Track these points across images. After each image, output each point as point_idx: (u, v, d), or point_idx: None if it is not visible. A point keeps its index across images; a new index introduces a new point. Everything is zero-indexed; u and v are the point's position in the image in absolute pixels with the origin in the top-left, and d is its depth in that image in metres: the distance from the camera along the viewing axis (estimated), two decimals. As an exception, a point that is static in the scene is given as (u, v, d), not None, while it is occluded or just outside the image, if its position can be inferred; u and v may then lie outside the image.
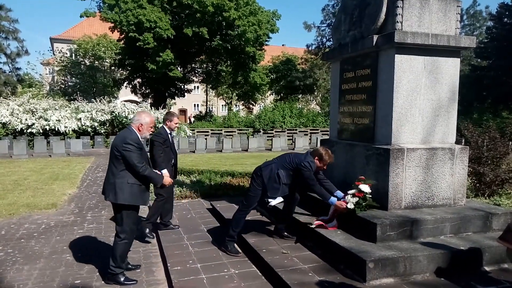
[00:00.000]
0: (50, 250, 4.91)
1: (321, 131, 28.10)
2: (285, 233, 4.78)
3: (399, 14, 4.34)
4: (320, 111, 35.42)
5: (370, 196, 4.25)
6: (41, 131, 19.07)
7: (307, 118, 30.28)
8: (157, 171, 4.45)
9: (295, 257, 4.15)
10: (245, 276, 3.96)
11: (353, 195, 4.24)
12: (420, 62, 4.48)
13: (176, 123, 5.55)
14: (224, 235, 4.66)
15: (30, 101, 21.09)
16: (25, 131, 19.01)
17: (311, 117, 30.65)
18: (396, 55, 4.37)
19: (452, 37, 4.47)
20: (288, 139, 24.36)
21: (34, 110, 19.80)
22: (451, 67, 4.62)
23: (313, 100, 43.97)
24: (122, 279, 3.95)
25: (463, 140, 8.98)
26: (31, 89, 32.13)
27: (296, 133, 27.07)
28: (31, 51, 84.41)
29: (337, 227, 4.36)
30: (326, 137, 14.70)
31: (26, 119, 19.12)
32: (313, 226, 4.42)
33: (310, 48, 39.17)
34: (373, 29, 4.61)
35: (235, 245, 4.65)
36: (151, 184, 4.11)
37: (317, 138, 22.10)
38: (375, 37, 4.51)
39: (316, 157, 4.42)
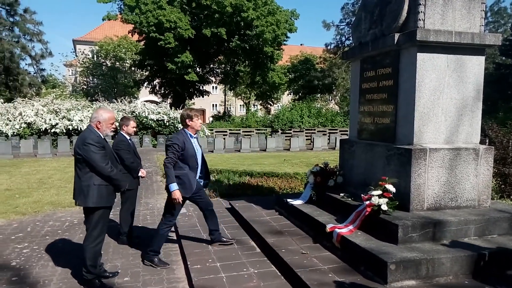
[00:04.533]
0: (74, 247, 5.02)
1: (340, 131, 27.84)
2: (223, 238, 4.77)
3: (421, 11, 4.26)
4: (339, 111, 35.09)
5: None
6: (64, 131, 19.56)
7: (325, 118, 30.05)
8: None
9: (315, 257, 4.13)
10: (264, 275, 3.96)
11: (381, 196, 4.18)
12: (443, 60, 4.38)
13: (133, 127, 5.06)
14: (148, 249, 4.45)
15: (53, 101, 21.65)
16: (49, 131, 19.53)
17: (329, 116, 30.40)
18: (418, 54, 4.30)
19: (477, 35, 4.36)
20: (307, 139, 24.25)
21: (57, 110, 20.32)
22: (476, 65, 4.51)
23: (332, 100, 43.64)
24: (97, 284, 3.83)
25: (488, 140, 8.75)
26: (54, 90, 33.03)
27: (314, 133, 26.91)
28: (55, 53, 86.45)
29: (352, 231, 4.27)
30: (345, 137, 14.57)
31: (50, 119, 19.64)
32: (327, 230, 4.36)
33: (329, 47, 38.88)
34: (394, 27, 4.54)
35: (159, 257, 4.51)
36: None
37: (336, 138, 21.92)
38: (397, 35, 4.44)
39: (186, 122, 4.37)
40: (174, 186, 4.19)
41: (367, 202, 4.25)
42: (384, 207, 4.12)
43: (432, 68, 4.35)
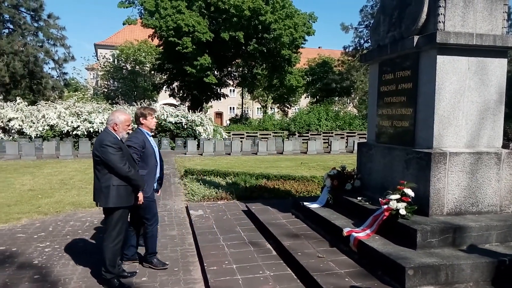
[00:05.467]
0: (93, 247, 5.13)
1: (358, 134, 27.58)
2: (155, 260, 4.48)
3: (441, 14, 4.20)
4: (357, 114, 34.76)
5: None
6: (85, 133, 19.99)
7: (343, 121, 29.82)
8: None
9: (331, 261, 4.10)
10: (280, 278, 3.96)
11: (399, 200, 4.12)
12: (463, 63, 4.31)
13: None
14: (144, 253, 4.44)
15: (75, 104, 22.16)
16: (71, 133, 20.00)
17: (348, 120, 30.15)
18: (438, 56, 4.24)
19: (499, 37, 4.27)
20: (324, 142, 24.13)
21: (79, 113, 20.79)
22: (498, 68, 4.41)
23: (350, 103, 43.25)
24: (116, 284, 3.87)
25: (511, 144, 8.53)
26: (76, 93, 33.85)
27: (332, 136, 26.75)
28: (77, 57, 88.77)
29: (370, 236, 4.22)
30: (364, 140, 14.44)
31: (72, 122, 20.10)
32: (344, 234, 4.33)
33: (347, 50, 38.56)
34: (413, 30, 4.49)
35: (158, 257, 4.53)
36: None
37: (354, 141, 21.71)
38: (416, 38, 4.39)
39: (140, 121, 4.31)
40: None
41: (385, 206, 4.20)
42: (403, 212, 4.07)
43: (452, 71, 4.28)
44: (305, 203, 5.74)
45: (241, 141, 20.48)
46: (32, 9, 27.66)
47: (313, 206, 5.58)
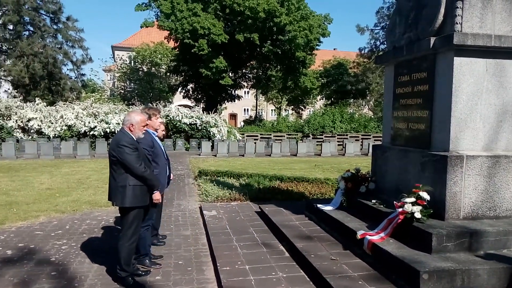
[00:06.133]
0: (109, 245, 5.20)
1: (373, 137, 27.33)
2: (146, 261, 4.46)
3: (458, 15, 4.14)
4: (372, 116, 34.45)
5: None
6: (102, 133, 20.31)
7: (358, 123, 29.59)
8: None
9: (344, 264, 4.08)
10: (293, 280, 3.95)
11: (415, 203, 4.07)
12: (481, 65, 4.24)
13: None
14: (137, 254, 4.33)
15: (93, 105, 22.55)
16: (88, 133, 20.35)
17: (363, 122, 29.91)
18: (455, 58, 4.17)
19: (519, 38, 4.18)
20: (338, 145, 23.97)
21: (96, 113, 21.15)
22: (517, 70, 4.32)
23: (365, 105, 42.91)
24: (130, 282, 3.93)
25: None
26: (93, 94, 34.44)
27: (346, 138, 26.55)
28: (95, 58, 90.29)
29: (384, 239, 4.18)
30: (379, 142, 14.29)
31: (89, 122, 20.46)
32: (358, 237, 4.29)
33: (362, 52, 38.29)
34: (430, 31, 4.44)
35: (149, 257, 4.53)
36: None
37: (368, 144, 21.50)
38: (432, 39, 4.34)
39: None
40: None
41: (400, 210, 4.15)
42: (418, 215, 4.02)
43: (469, 73, 4.21)
44: (318, 205, 5.72)
45: (255, 143, 20.50)
46: (52, 11, 28.30)
47: (327, 208, 5.56)
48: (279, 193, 8.24)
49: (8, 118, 20.35)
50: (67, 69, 33.22)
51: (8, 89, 28.46)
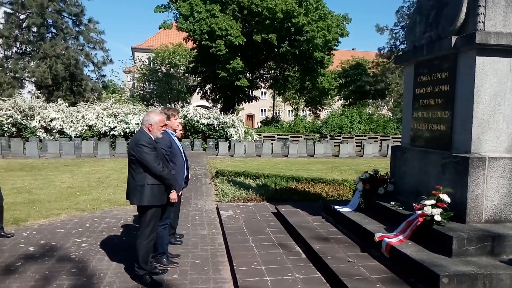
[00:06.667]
0: (127, 244, 5.28)
1: (392, 137, 26.95)
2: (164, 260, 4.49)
3: (481, 13, 4.04)
4: (392, 117, 33.96)
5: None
6: (122, 133, 20.67)
7: (377, 124, 29.22)
8: None
9: (362, 266, 4.03)
10: (309, 281, 3.93)
11: (435, 206, 3.99)
12: (505, 64, 4.12)
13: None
14: (155, 253, 4.37)
15: (113, 106, 22.98)
16: (108, 133, 20.75)
17: (382, 123, 29.51)
18: (477, 57, 4.08)
19: (545, 36, 4.05)
20: (357, 146, 23.71)
21: (116, 114, 21.54)
22: (543, 69, 4.19)
23: (384, 106, 42.32)
24: (148, 280, 3.97)
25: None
26: (114, 94, 35.04)
27: (365, 139, 26.26)
28: (115, 60, 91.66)
29: (403, 241, 4.11)
30: (398, 144, 14.09)
31: (109, 122, 20.86)
32: (376, 239, 4.23)
33: (382, 52, 37.83)
34: (451, 30, 4.35)
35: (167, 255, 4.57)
36: None
37: (388, 145, 21.21)
38: (454, 38, 4.25)
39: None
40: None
41: (419, 212, 4.08)
42: (438, 218, 3.93)
43: (492, 73, 4.11)
44: (336, 207, 5.67)
45: (272, 143, 20.48)
46: (74, 14, 28.96)
47: (344, 210, 5.50)
48: (296, 194, 8.21)
49: (32, 118, 20.92)
50: (88, 70, 33.98)
51: (32, 90, 29.27)
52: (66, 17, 29.10)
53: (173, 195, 4.17)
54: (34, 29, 27.68)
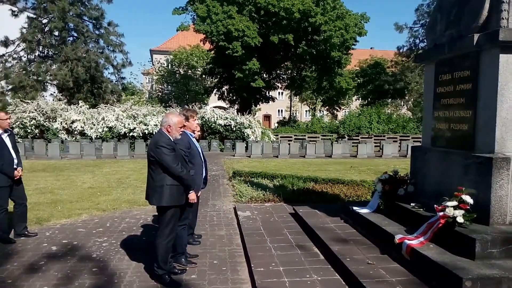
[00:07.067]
0: (147, 244, 5.35)
1: (412, 138, 26.48)
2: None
3: (504, 10, 3.93)
4: (411, 117, 33.38)
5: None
6: (141, 134, 20.97)
7: (396, 124, 28.78)
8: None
9: (382, 268, 3.97)
10: (328, 283, 3.89)
11: (457, 207, 3.90)
12: (530, 61, 3.99)
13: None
14: (175, 253, 4.42)
15: (132, 107, 23.32)
16: (127, 134, 21.08)
17: (401, 123, 29.05)
18: (500, 55, 3.96)
19: None
20: (375, 146, 23.39)
21: (135, 115, 21.85)
22: None
23: (403, 105, 41.65)
24: (167, 280, 4.00)
25: None
26: (133, 96, 35.55)
27: (384, 139, 25.89)
28: (134, 62, 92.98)
29: (424, 244, 4.03)
30: (418, 144, 13.84)
31: (128, 124, 21.19)
32: (396, 241, 4.16)
33: (401, 50, 37.20)
34: (473, 28, 4.24)
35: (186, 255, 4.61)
36: None
37: (407, 145, 20.86)
38: (476, 36, 4.14)
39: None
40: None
41: (441, 214, 3.99)
42: (460, 220, 3.84)
43: (517, 70, 3.98)
44: (354, 208, 5.61)
45: (289, 144, 20.41)
46: (94, 17, 29.51)
47: (363, 211, 5.44)
48: (314, 195, 8.15)
49: (54, 120, 21.43)
50: (108, 73, 34.63)
51: (54, 92, 29.95)
52: (87, 20, 29.69)
53: (192, 196, 4.20)
54: (56, 33, 28.32)
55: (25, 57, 27.93)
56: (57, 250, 5.06)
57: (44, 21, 27.81)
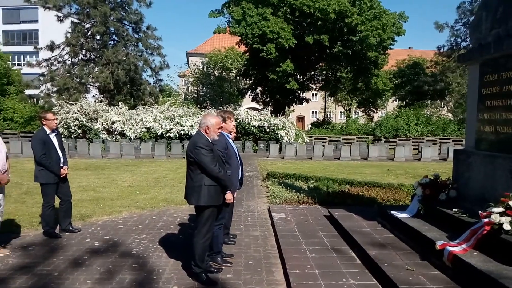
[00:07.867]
0: (184, 242, 5.47)
1: (453, 140, 25.48)
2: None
3: (558, 5, 3.72)
4: (452, 119, 32.11)
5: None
6: (177, 135, 21.45)
7: (436, 126, 27.76)
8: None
9: (421, 275, 3.85)
10: (365, 288, 3.83)
11: (503, 214, 3.73)
12: None
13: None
14: (211, 252, 4.47)
15: (169, 109, 23.89)
16: (164, 135, 21.62)
17: (441, 125, 27.99)
18: (553, 54, 3.75)
19: None
20: (414, 149, 22.69)
21: (172, 117, 22.38)
22: None
23: (444, 107, 40.13)
24: (204, 278, 4.06)
25: None
26: (170, 98, 36.45)
27: (423, 142, 25.08)
28: (171, 64, 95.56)
29: (467, 251, 3.86)
30: (460, 147, 13.28)
31: (165, 125, 21.74)
32: (437, 247, 4.02)
33: (441, 50, 35.84)
34: (523, 25, 4.04)
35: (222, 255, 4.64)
36: None
37: (448, 148, 20.10)
38: (526, 34, 3.94)
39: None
40: None
41: (486, 220, 3.82)
42: (507, 227, 3.66)
43: None
44: (392, 212, 5.47)
45: (323, 146, 20.20)
46: (134, 22, 30.50)
47: (402, 215, 5.30)
48: (349, 198, 8.03)
49: (95, 121, 22.36)
50: (147, 75, 35.61)
51: (96, 94, 31.22)
52: (127, 25, 30.71)
53: (229, 196, 4.26)
54: (98, 37, 29.51)
55: (69, 60, 29.29)
56: (99, 246, 5.28)
57: (87, 26, 29.04)
